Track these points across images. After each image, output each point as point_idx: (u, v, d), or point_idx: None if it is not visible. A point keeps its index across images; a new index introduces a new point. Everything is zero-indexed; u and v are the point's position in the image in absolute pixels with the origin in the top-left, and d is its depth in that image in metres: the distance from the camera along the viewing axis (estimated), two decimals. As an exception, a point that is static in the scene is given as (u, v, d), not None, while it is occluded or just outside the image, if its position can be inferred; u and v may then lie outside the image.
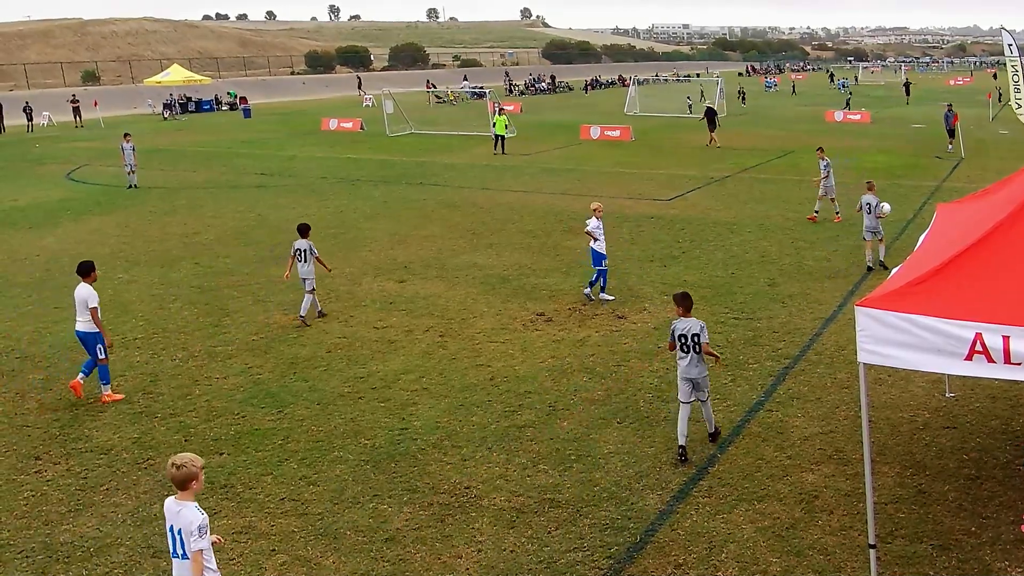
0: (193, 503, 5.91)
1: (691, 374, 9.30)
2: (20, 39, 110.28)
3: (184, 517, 5.87)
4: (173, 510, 5.96)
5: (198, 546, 5.84)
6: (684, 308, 9.41)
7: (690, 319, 9.34)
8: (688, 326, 9.26)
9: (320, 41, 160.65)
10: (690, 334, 9.21)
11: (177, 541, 5.96)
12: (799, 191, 26.24)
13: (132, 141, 30.14)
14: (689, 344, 9.22)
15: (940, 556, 7.53)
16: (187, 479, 5.90)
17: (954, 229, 8.41)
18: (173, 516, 5.95)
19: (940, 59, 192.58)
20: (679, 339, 9.27)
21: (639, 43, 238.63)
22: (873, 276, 16.17)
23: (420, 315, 14.83)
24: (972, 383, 11.00)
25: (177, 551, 5.99)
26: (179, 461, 5.93)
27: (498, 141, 37.89)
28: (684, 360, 9.31)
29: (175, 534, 5.95)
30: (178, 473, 5.89)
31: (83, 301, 11.57)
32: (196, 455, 6.09)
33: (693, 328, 9.23)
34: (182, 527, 5.88)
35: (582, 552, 7.83)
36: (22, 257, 19.91)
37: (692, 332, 9.21)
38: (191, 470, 5.89)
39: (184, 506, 5.90)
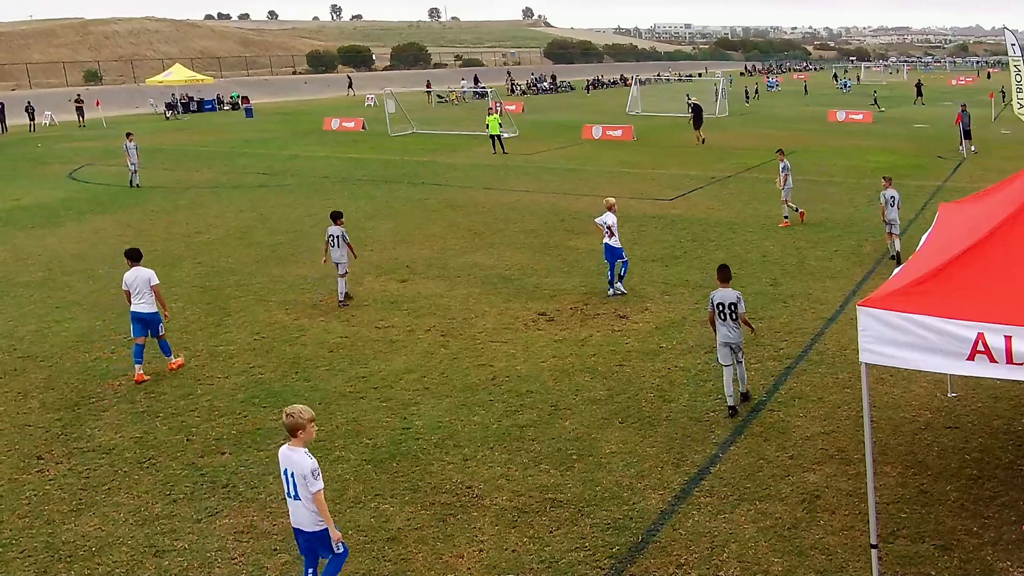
0: (303, 449, 6.60)
1: (730, 339, 10.38)
2: (23, 39, 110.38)
3: (296, 462, 6.56)
4: (286, 455, 6.66)
5: (316, 487, 6.52)
6: (723, 279, 10.52)
7: (728, 289, 10.40)
8: (726, 296, 10.34)
9: (322, 41, 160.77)
10: (727, 303, 10.29)
11: (290, 483, 6.62)
12: (801, 191, 26.19)
13: (135, 140, 30.22)
14: (726, 312, 10.29)
15: (942, 556, 7.52)
16: (295, 428, 6.60)
17: (956, 229, 8.40)
18: (286, 461, 6.65)
19: (942, 59, 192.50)
20: (717, 307, 10.33)
21: (641, 43, 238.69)
22: (875, 276, 16.16)
23: (422, 315, 14.83)
24: (974, 383, 10.99)
25: (291, 492, 6.66)
26: (290, 411, 6.67)
27: (495, 141, 37.87)
28: (723, 327, 10.37)
29: (289, 476, 6.62)
30: (288, 421, 6.63)
31: (145, 281, 12.20)
32: (307, 408, 6.76)
33: (730, 297, 10.32)
34: (295, 471, 6.56)
35: (584, 552, 7.83)
36: (24, 256, 19.94)
37: (729, 301, 10.30)
38: (298, 420, 6.60)
39: (295, 452, 6.60)
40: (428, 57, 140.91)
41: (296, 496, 6.62)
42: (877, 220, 21.34)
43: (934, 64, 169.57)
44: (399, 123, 48.57)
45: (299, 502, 6.62)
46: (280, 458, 6.71)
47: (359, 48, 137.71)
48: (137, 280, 12.25)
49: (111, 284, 17.36)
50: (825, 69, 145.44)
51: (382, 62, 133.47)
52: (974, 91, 77.88)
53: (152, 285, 12.21)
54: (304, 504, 6.59)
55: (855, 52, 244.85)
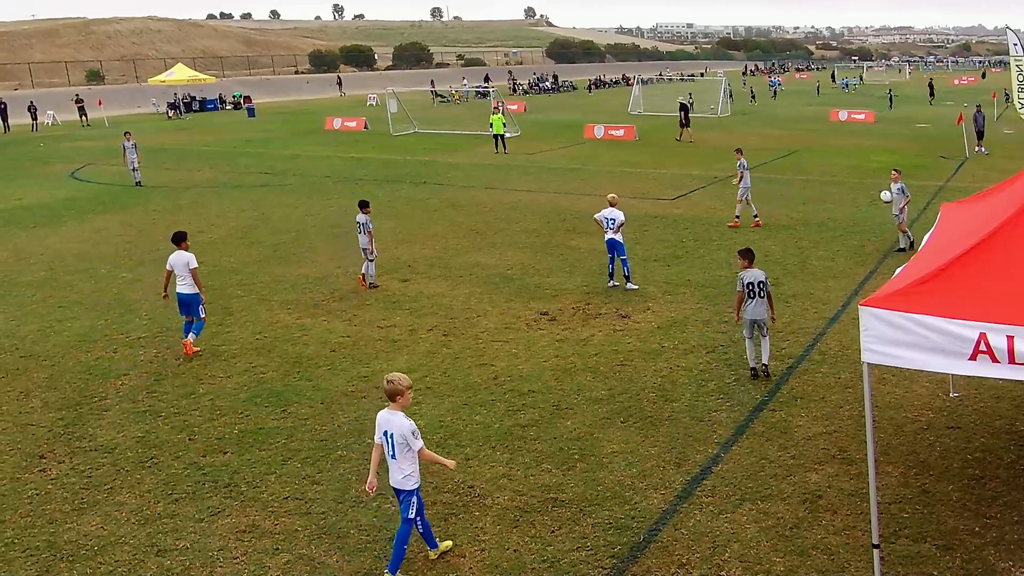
0: (401, 413, 7.27)
1: (758, 315, 11.30)
2: (25, 38, 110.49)
3: (396, 424, 7.23)
4: (386, 418, 7.32)
5: (418, 446, 7.26)
6: (749, 260, 11.42)
7: (755, 270, 11.38)
8: (755, 275, 11.30)
9: (324, 40, 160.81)
10: (757, 281, 11.25)
11: (389, 444, 7.28)
12: (803, 191, 26.23)
13: (133, 139, 30.34)
14: (756, 290, 11.22)
15: (944, 556, 7.52)
16: (394, 393, 7.26)
17: (958, 229, 8.39)
18: (386, 423, 7.31)
19: (944, 58, 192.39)
20: (747, 286, 11.22)
21: (643, 42, 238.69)
22: (877, 275, 16.15)
23: (424, 314, 14.84)
24: (976, 383, 10.98)
25: (390, 452, 7.30)
26: (391, 378, 7.32)
27: (498, 140, 37.89)
28: (751, 303, 11.25)
29: (388, 438, 7.29)
30: (388, 387, 7.28)
31: (184, 264, 13.00)
32: (406, 376, 7.37)
33: (760, 276, 11.33)
34: (394, 432, 7.23)
35: (586, 551, 7.83)
36: (26, 256, 19.96)
37: (759, 280, 11.28)
38: (397, 387, 7.25)
39: (394, 415, 7.26)
40: (430, 57, 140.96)
41: (394, 455, 7.26)
42: (879, 220, 21.40)
43: (935, 64, 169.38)
44: (401, 123, 48.58)
45: (396, 461, 7.26)
46: (379, 421, 7.36)
47: (361, 48, 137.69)
48: (178, 262, 13.07)
49: (113, 283, 17.40)
50: (827, 69, 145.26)
51: (384, 62, 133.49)
52: (976, 91, 77.80)
53: (190, 268, 12.96)
54: (398, 464, 7.25)
55: (857, 52, 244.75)
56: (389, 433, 7.27)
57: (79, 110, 58.94)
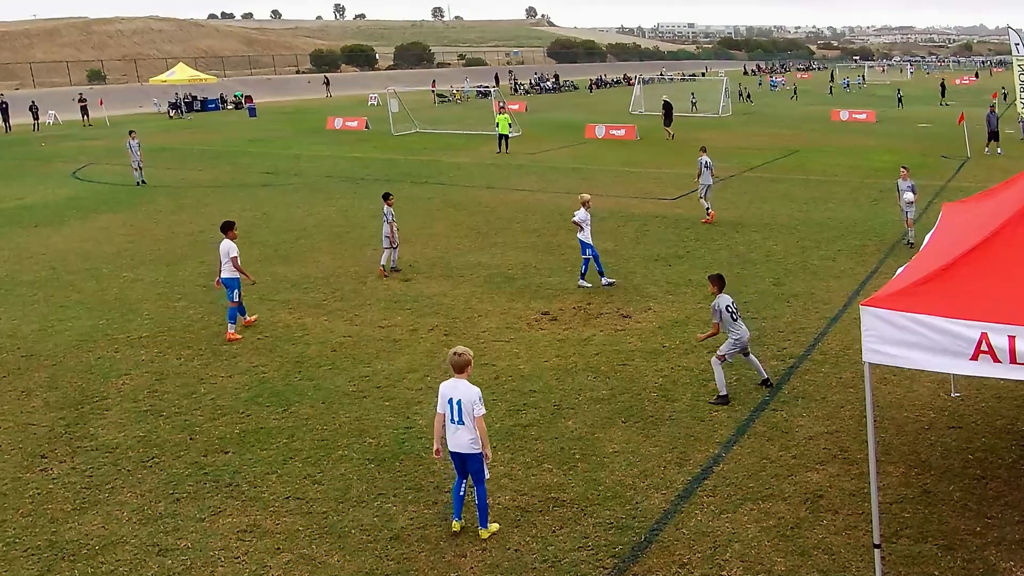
0: (466, 381, 7.75)
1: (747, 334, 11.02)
2: (26, 38, 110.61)
3: (463, 390, 7.68)
4: (452, 386, 7.75)
5: (480, 412, 7.68)
6: (719, 287, 10.95)
7: (725, 295, 10.93)
8: (728, 300, 10.90)
9: (325, 40, 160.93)
10: (733, 303, 10.91)
11: (455, 410, 7.68)
12: (805, 190, 26.21)
13: (138, 138, 30.41)
14: (735, 312, 10.86)
15: (945, 556, 7.52)
16: (464, 364, 7.76)
17: (960, 229, 8.38)
18: (452, 390, 7.73)
19: (945, 58, 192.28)
20: (726, 308, 10.78)
21: (644, 42, 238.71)
22: (878, 275, 16.15)
23: (425, 314, 14.84)
24: (978, 383, 10.97)
25: (454, 418, 7.71)
26: (460, 351, 7.81)
27: (502, 140, 37.92)
28: (737, 326, 10.84)
29: (454, 404, 7.68)
30: (458, 359, 7.75)
31: (225, 252, 13.74)
32: (470, 349, 7.90)
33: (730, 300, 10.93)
34: (462, 398, 7.64)
35: (587, 551, 7.83)
36: (28, 256, 19.97)
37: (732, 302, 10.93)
38: (466, 358, 7.77)
39: (460, 382, 7.73)
40: (431, 56, 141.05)
41: (460, 421, 7.66)
42: (880, 219, 21.42)
43: (936, 64, 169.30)
44: (402, 122, 48.58)
45: (463, 427, 7.68)
46: (444, 391, 7.77)
47: (362, 47, 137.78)
48: (221, 250, 13.83)
49: (114, 283, 17.41)
50: (827, 69, 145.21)
51: (385, 61, 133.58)
52: (977, 91, 77.73)
53: (231, 256, 13.69)
54: (467, 429, 7.67)
55: (858, 51, 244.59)
56: (456, 400, 7.65)
57: (81, 109, 58.97)
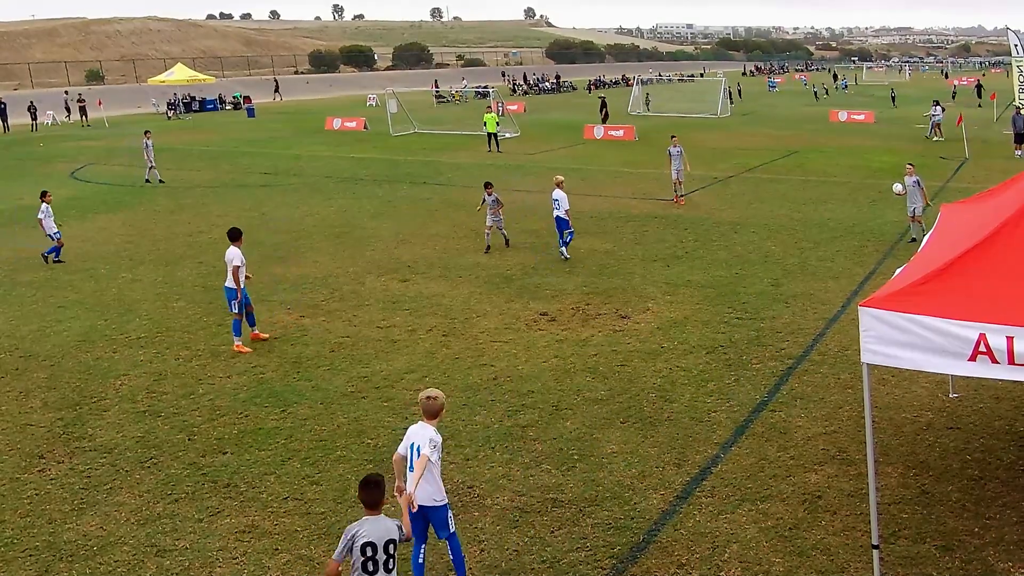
0: (432, 427, 7.03)
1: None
2: (25, 38, 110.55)
3: (425, 436, 6.92)
4: (415, 431, 7.05)
5: (426, 453, 6.82)
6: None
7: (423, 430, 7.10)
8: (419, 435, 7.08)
9: (324, 40, 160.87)
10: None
11: (414, 457, 6.94)
12: (804, 191, 26.23)
13: (152, 139, 30.93)
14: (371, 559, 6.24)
15: (943, 557, 7.52)
16: (438, 410, 7.13)
17: (958, 229, 8.39)
18: (414, 435, 7.03)
19: (944, 59, 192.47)
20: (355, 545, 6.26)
21: (643, 43, 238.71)
22: (877, 276, 16.15)
23: (423, 314, 14.84)
24: (976, 384, 10.98)
25: (412, 465, 6.95)
26: (433, 395, 7.17)
27: (491, 139, 37.96)
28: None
29: (414, 450, 6.96)
30: (432, 404, 7.10)
31: (228, 261, 13.28)
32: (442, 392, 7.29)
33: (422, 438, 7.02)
34: (421, 444, 6.89)
35: (585, 552, 7.83)
36: (26, 256, 19.95)
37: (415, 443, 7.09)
38: (440, 402, 7.15)
39: (425, 428, 7.02)
40: (430, 57, 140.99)
41: (411, 468, 6.95)
42: (879, 220, 21.45)
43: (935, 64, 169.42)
44: (401, 123, 48.57)
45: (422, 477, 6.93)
46: (410, 435, 7.07)
47: (361, 48, 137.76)
48: (225, 258, 13.47)
49: (113, 283, 17.40)
50: (825, 70, 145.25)
51: (384, 62, 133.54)
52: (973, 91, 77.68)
53: (232, 265, 13.19)
54: (425, 479, 6.91)
55: (857, 52, 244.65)
56: (416, 445, 6.97)
57: (80, 110, 58.91)
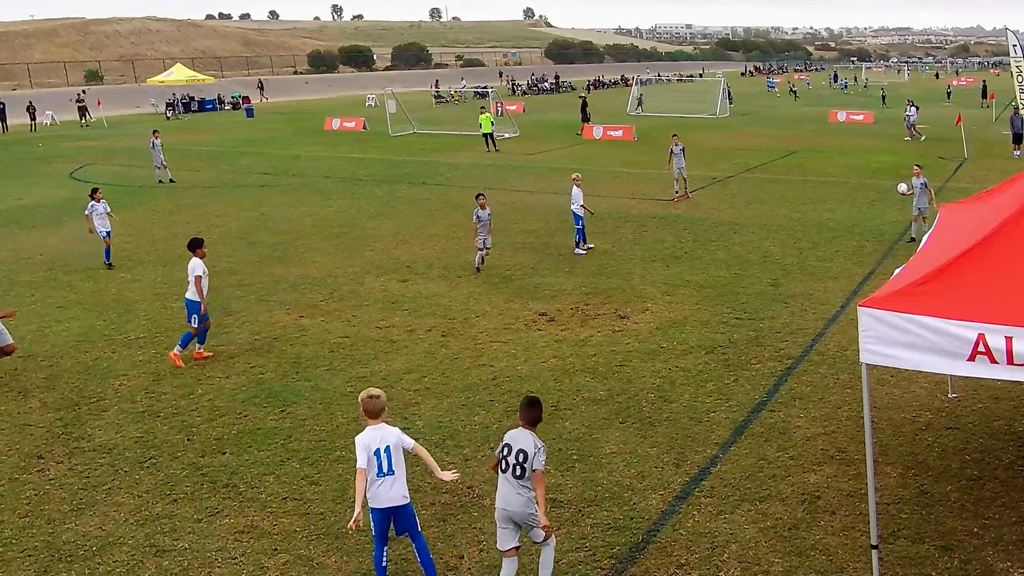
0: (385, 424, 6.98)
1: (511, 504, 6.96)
2: (24, 38, 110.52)
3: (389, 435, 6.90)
4: (374, 436, 6.89)
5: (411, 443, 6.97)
6: (526, 419, 7.02)
7: (526, 433, 6.93)
8: (520, 439, 6.92)
9: (323, 41, 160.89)
10: (518, 449, 6.84)
11: (384, 460, 6.86)
12: (803, 191, 26.24)
13: (160, 138, 31.23)
14: (512, 461, 6.85)
15: (942, 557, 7.52)
16: (381, 409, 7.00)
17: (958, 230, 8.39)
18: (376, 440, 6.87)
19: (943, 59, 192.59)
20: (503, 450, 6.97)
21: (642, 43, 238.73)
22: (876, 276, 16.16)
23: (423, 315, 14.83)
24: (975, 384, 10.98)
25: (384, 469, 6.88)
26: (375, 393, 7.02)
27: (487, 139, 38.01)
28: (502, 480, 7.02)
29: (382, 454, 6.84)
30: (373, 404, 6.95)
31: (191, 270, 12.77)
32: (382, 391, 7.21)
33: (526, 445, 6.85)
34: (389, 443, 6.85)
35: (584, 552, 7.83)
36: (25, 256, 19.95)
37: (520, 448, 6.86)
38: (383, 401, 7.03)
39: (381, 428, 6.94)
40: (429, 57, 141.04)
41: (391, 471, 6.90)
42: (878, 220, 21.46)
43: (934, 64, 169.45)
44: (400, 123, 48.58)
45: (393, 477, 6.93)
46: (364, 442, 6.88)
47: (360, 48, 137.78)
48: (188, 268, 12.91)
49: (112, 284, 17.40)
50: (826, 70, 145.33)
51: (383, 62, 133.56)
52: (976, 91, 77.73)
53: (194, 275, 12.71)
54: (400, 478, 6.93)
55: (856, 52, 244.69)
56: (384, 447, 6.81)
57: (79, 110, 58.91)
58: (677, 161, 24.96)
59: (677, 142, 25.39)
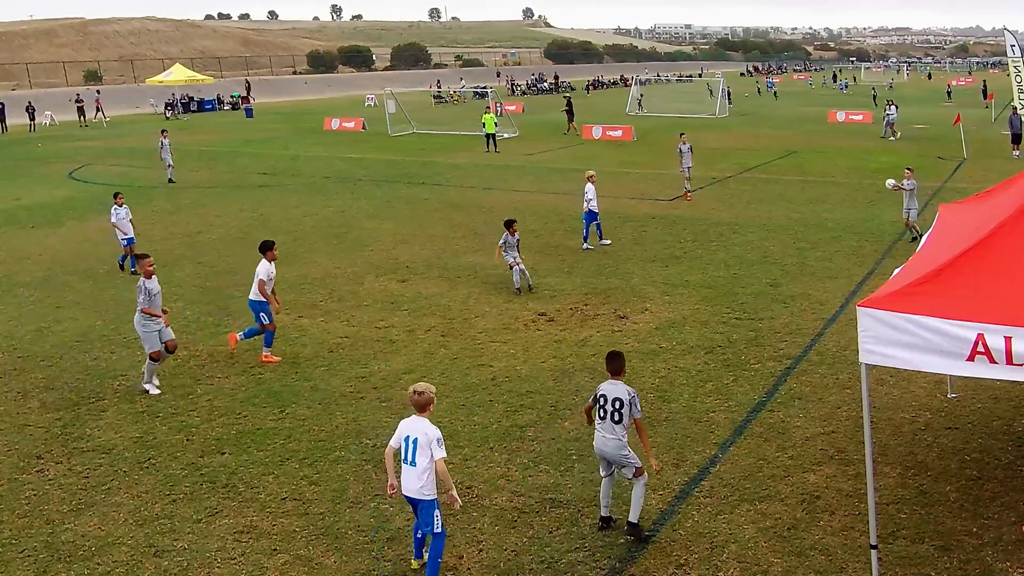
0: (427, 420, 7.23)
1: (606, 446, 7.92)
2: (23, 39, 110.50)
3: (421, 429, 7.15)
4: (410, 425, 7.25)
5: (441, 455, 7.10)
6: (613, 369, 8.06)
7: (618, 384, 7.93)
8: (614, 390, 7.91)
9: (322, 41, 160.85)
10: (613, 397, 7.83)
11: (409, 449, 7.17)
12: (802, 191, 26.24)
13: (169, 138, 31.33)
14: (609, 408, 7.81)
15: (942, 557, 7.52)
16: (427, 404, 7.26)
17: (957, 230, 8.40)
18: (408, 429, 7.23)
19: (942, 59, 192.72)
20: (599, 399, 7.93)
21: (641, 43, 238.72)
22: (875, 276, 16.17)
23: (422, 315, 14.83)
24: (974, 384, 10.98)
25: (407, 457, 7.19)
26: (421, 388, 7.32)
27: (489, 140, 38.01)
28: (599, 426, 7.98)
29: (410, 443, 7.17)
30: (420, 398, 7.25)
31: (255, 273, 12.78)
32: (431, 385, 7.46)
33: (620, 393, 7.84)
34: (419, 437, 7.12)
35: (584, 552, 7.83)
36: (25, 256, 19.94)
37: (616, 397, 7.83)
38: (428, 396, 7.27)
39: (420, 421, 7.21)
40: (428, 57, 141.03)
41: (412, 462, 7.14)
42: (877, 220, 21.46)
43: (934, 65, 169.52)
44: (399, 123, 48.58)
45: (414, 469, 7.14)
46: (403, 428, 7.27)
47: (359, 48, 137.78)
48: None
49: (111, 284, 17.39)
50: (825, 70, 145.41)
51: (382, 62, 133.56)
52: (976, 91, 77.80)
53: (258, 279, 12.68)
54: (417, 473, 7.11)
55: (855, 53, 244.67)
56: (412, 438, 7.16)
57: (78, 110, 58.89)
58: (684, 160, 25.49)
59: (684, 140, 25.87)
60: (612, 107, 64.36)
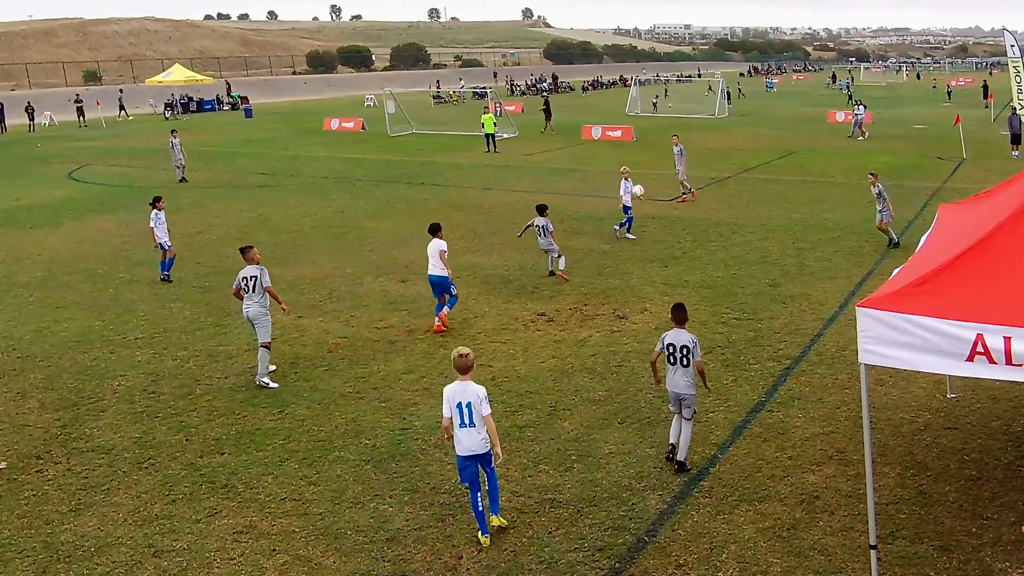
0: (472, 382, 7.76)
1: (677, 387, 9.21)
2: (22, 39, 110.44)
3: (471, 392, 7.67)
4: (458, 389, 7.73)
5: (488, 411, 7.69)
6: (677, 319, 9.25)
7: (683, 331, 9.16)
8: (679, 337, 9.13)
9: (322, 41, 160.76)
10: (680, 345, 9.10)
11: (465, 413, 7.68)
12: (801, 191, 26.24)
13: (179, 137, 31.46)
14: (677, 356, 9.13)
15: (941, 557, 7.53)
16: (469, 366, 7.74)
17: (956, 230, 8.40)
18: (459, 394, 7.71)
19: (941, 60, 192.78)
20: (668, 347, 9.18)
21: (640, 43, 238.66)
22: (874, 276, 16.17)
23: (421, 315, 14.83)
24: (973, 384, 10.99)
25: (464, 421, 7.71)
26: (464, 352, 7.79)
27: (489, 140, 38.02)
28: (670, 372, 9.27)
29: (464, 408, 7.67)
30: (463, 361, 7.73)
31: (434, 250, 13.78)
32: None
33: (685, 340, 9.09)
34: (471, 400, 7.64)
35: (583, 552, 7.83)
36: (24, 256, 19.94)
37: (682, 344, 9.09)
38: (471, 359, 7.78)
39: (467, 385, 7.71)
40: (428, 57, 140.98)
41: (471, 423, 7.68)
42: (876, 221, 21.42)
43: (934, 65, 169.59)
44: (399, 123, 48.58)
45: (473, 429, 7.70)
46: (450, 394, 7.74)
47: (359, 48, 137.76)
48: (431, 249, 13.85)
49: (111, 284, 17.39)
50: (825, 70, 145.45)
51: (382, 62, 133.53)
52: (976, 91, 77.85)
53: (440, 252, 13.75)
54: (478, 430, 7.69)
55: (855, 53, 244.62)
56: (465, 403, 7.63)
57: (77, 110, 58.88)
58: (676, 163, 25.46)
59: (676, 143, 25.71)
60: (611, 107, 64.38)
